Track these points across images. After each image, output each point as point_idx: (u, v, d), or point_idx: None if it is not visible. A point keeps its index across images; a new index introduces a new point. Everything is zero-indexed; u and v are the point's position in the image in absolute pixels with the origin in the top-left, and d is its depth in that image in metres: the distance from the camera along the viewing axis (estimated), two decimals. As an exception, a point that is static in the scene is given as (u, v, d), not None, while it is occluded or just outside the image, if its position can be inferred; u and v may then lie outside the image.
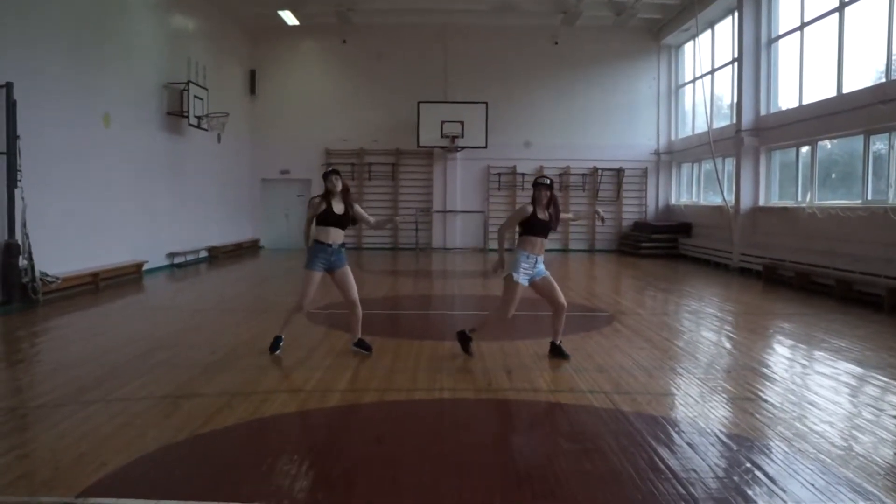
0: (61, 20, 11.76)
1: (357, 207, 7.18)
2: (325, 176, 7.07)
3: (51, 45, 11.41)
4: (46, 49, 11.29)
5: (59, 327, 9.16)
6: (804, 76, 15.15)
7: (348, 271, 7.14)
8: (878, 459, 4.34)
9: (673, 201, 22.71)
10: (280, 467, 4.19)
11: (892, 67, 12.20)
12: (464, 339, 7.14)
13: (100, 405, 5.37)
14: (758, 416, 5.23)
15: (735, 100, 17.55)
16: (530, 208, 6.76)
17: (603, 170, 22.48)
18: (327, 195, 6.99)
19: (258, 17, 20.90)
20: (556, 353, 7.04)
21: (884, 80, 12.29)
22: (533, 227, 6.75)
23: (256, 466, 4.20)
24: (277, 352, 7.15)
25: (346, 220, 7.06)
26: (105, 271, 12.61)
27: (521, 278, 6.73)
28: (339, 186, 7.00)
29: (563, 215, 7.05)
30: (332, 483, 4.06)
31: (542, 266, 6.89)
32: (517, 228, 6.91)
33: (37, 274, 10.44)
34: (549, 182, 6.82)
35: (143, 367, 6.64)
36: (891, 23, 12.01)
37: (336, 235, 7.02)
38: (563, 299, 6.97)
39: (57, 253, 11.18)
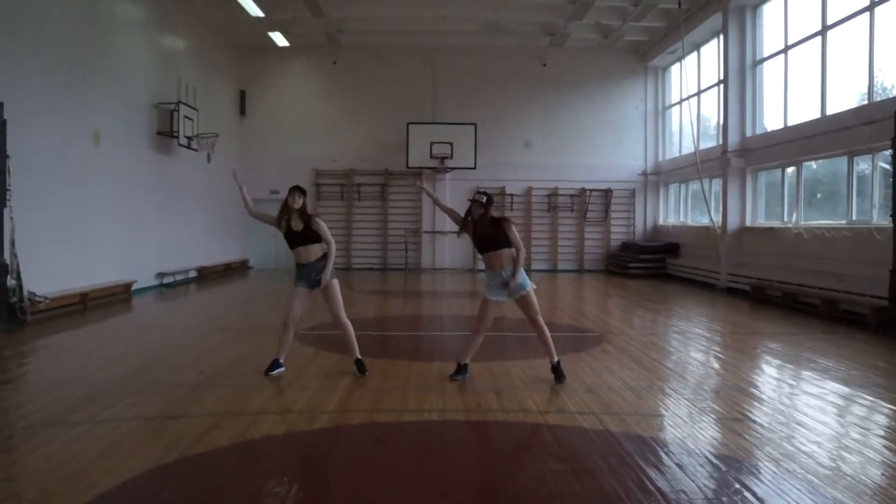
0: (51, 39, 11.77)
1: (318, 225, 7.06)
2: (290, 191, 7.05)
3: (41, 63, 11.43)
4: (36, 68, 11.30)
5: (46, 347, 9.10)
6: (789, 98, 15.38)
7: (332, 286, 7.06)
8: (865, 480, 4.37)
9: (660, 221, 22.86)
10: (269, 489, 4.17)
11: (875, 90, 12.40)
12: (460, 369, 7.09)
13: (87, 426, 5.33)
14: (746, 436, 5.26)
15: (721, 121, 17.74)
16: (469, 227, 6.97)
17: (591, 190, 22.61)
18: (285, 209, 7.00)
19: (248, 37, 21.03)
20: (555, 373, 6.90)
21: (866, 102, 12.48)
22: (477, 245, 7.00)
23: (245, 489, 4.19)
24: (274, 373, 7.10)
25: (309, 236, 7.02)
26: (94, 291, 12.54)
27: (490, 295, 6.90)
28: (299, 204, 6.98)
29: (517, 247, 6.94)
30: (321, 505, 4.05)
31: (521, 279, 6.81)
32: None
33: (25, 294, 10.37)
34: (484, 199, 6.90)
35: (132, 387, 6.60)
36: (872, 46, 12.23)
37: (306, 254, 7.03)
38: (539, 319, 6.92)
39: (45, 272, 11.11)
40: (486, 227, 6.86)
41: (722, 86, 17.58)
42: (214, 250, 19.70)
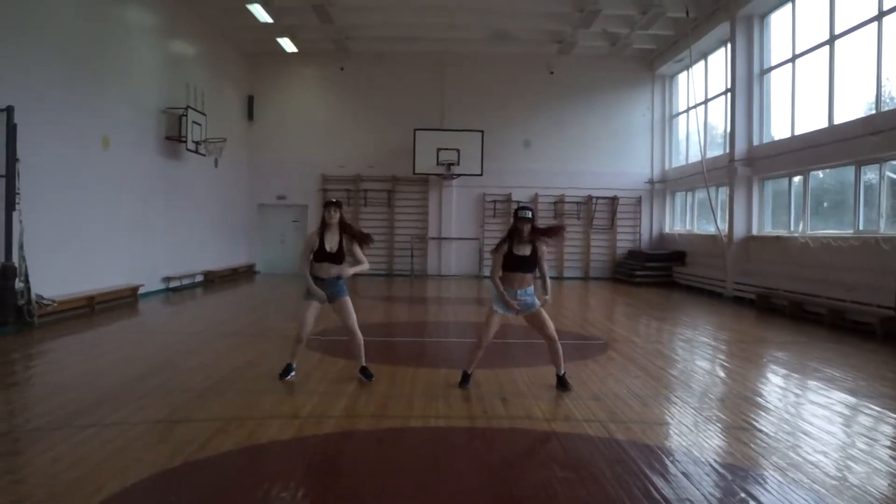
0: (61, 44, 11.86)
1: (355, 249, 7.16)
2: (325, 206, 7.09)
3: (50, 68, 11.51)
4: (46, 72, 11.38)
5: (53, 350, 9.14)
6: (796, 107, 15.37)
7: (346, 302, 7.12)
8: (872, 490, 4.36)
9: (667, 230, 22.84)
10: (275, 494, 4.18)
11: (882, 99, 12.39)
12: (465, 378, 7.09)
13: (95, 429, 5.35)
14: (752, 445, 5.25)
15: (728, 129, 17.73)
16: (505, 246, 6.87)
17: (597, 198, 22.62)
18: (322, 227, 7.02)
19: (257, 43, 21.11)
20: (560, 384, 6.93)
21: (874, 111, 12.47)
22: (508, 263, 6.84)
23: (251, 493, 4.20)
24: (288, 377, 7.13)
25: (340, 256, 7.05)
26: (101, 294, 12.59)
27: (498, 308, 6.86)
28: (336, 219, 7.02)
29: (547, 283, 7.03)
30: (327, 510, 4.06)
31: (530, 299, 6.86)
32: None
33: (33, 296, 10.43)
34: (529, 215, 6.85)
35: (139, 390, 6.63)
36: (880, 56, 12.23)
37: (327, 271, 7.03)
38: (552, 333, 6.91)
39: (53, 275, 11.18)
40: (525, 250, 6.83)
41: (729, 94, 17.59)
42: (221, 254, 19.76)
